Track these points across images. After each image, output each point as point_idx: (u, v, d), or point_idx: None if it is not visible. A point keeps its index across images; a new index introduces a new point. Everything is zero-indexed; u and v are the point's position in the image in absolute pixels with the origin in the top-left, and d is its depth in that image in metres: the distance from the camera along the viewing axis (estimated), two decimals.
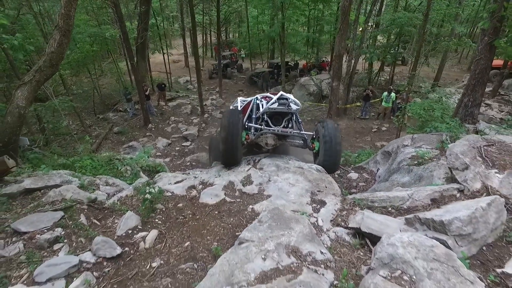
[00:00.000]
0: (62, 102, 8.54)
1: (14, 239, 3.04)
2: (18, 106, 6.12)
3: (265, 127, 5.74)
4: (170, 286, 2.63)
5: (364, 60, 16.72)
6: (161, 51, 20.79)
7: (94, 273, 2.76)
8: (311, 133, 5.94)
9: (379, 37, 19.22)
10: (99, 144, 12.56)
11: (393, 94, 13.29)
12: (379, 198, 3.71)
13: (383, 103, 13.59)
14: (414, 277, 2.10)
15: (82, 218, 3.50)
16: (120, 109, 17.13)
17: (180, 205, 4.07)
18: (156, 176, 5.23)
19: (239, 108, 6.79)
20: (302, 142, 6.10)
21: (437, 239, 2.50)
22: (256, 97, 6.61)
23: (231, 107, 7.56)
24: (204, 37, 31.60)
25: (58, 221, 3.34)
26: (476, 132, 5.80)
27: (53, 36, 6.54)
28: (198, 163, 10.66)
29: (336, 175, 6.97)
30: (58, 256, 2.90)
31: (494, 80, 18.64)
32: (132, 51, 13.75)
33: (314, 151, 5.88)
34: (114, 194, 4.38)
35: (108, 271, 2.82)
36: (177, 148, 12.57)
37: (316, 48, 23.44)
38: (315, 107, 16.86)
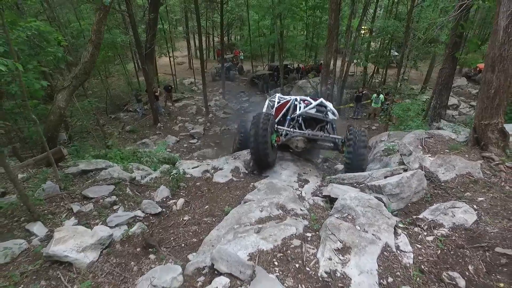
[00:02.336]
0: (91, 103, 9.80)
1: (85, 201, 4.30)
2: (59, 107, 7.39)
3: (296, 131, 5.85)
4: (197, 229, 3.89)
5: (355, 65, 17.93)
6: (167, 55, 22.01)
7: (145, 223, 4.03)
8: (340, 137, 6.01)
9: (372, 42, 20.38)
10: (113, 141, 13.82)
11: (381, 96, 14.51)
12: (348, 177, 4.96)
13: (373, 104, 14.82)
14: (354, 216, 3.35)
15: (128, 190, 4.77)
16: (130, 109, 18.39)
17: (198, 183, 5.33)
18: (177, 163, 6.50)
19: (276, 104, 6.98)
20: (333, 144, 6.14)
21: (377, 197, 3.74)
22: (296, 99, 6.78)
23: (267, 101, 7.67)
24: (207, 40, 32.83)
25: (112, 191, 4.60)
26: (438, 128, 7.01)
27: (86, 48, 7.82)
28: (205, 158, 11.90)
29: (325, 166, 8.20)
30: (117, 212, 4.16)
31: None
32: (143, 56, 14.95)
33: (344, 154, 5.89)
34: (146, 176, 5.64)
35: (154, 222, 4.08)
36: (185, 145, 13.82)
37: (314, 52, 24.66)
38: None
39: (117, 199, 4.47)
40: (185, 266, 3.08)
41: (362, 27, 17.74)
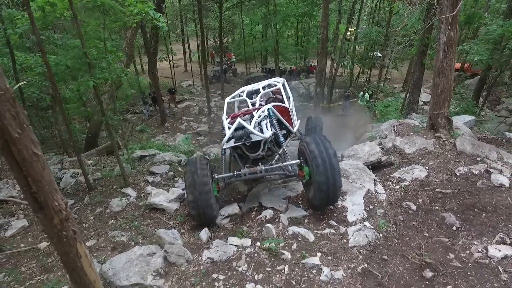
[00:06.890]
0: (121, 105, 11.26)
1: (153, 175, 5.88)
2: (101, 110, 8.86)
3: (232, 174, 4.51)
4: (238, 190, 5.53)
5: (343, 67, 19.85)
6: (168, 59, 23.44)
7: None
8: (295, 162, 4.41)
9: (357, 47, 22.37)
10: (127, 139, 15.22)
11: (367, 95, 16.40)
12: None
13: (359, 102, 16.70)
14: (348, 174, 5.07)
15: (179, 168, 6.36)
16: (136, 111, 19.75)
17: None
18: (207, 151, 8.12)
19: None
20: (287, 172, 4.44)
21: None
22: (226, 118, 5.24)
23: None
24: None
25: (169, 169, 6.19)
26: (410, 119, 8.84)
27: (121, 59, 9.31)
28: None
29: None
30: (178, 182, 5.76)
31: (456, 80, 22.16)
32: (152, 62, 16.39)
33: (305, 180, 4.38)
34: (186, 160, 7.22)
35: None
36: (193, 142, 15.32)
37: (304, 55, 26.57)
38: (305, 106, 19.91)
39: (174, 174, 6.07)
40: (240, 207, 4.73)
41: (349, 29, 19.65)
